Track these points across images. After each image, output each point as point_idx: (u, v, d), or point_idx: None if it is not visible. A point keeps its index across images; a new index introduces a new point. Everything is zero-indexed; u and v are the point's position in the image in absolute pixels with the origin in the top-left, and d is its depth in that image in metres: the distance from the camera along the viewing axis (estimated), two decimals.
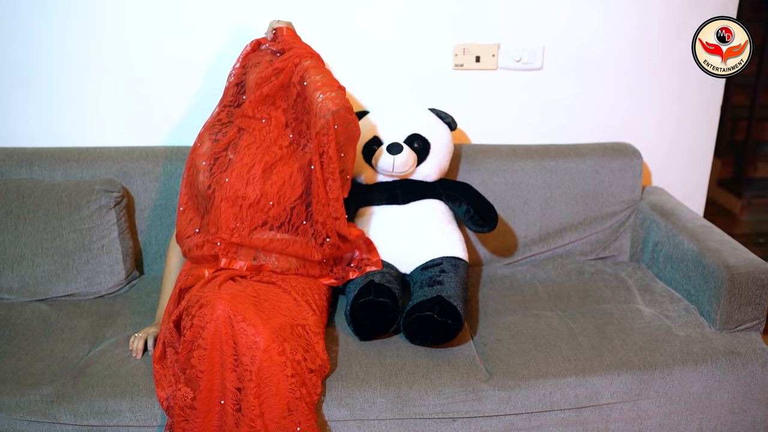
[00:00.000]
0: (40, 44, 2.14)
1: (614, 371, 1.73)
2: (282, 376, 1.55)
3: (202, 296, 1.64)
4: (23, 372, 1.71)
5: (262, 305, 1.65)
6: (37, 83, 2.17)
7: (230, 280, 1.74)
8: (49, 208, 2.01)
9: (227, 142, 1.88)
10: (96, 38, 2.15)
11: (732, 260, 1.85)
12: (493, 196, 2.19)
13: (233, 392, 1.55)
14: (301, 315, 1.70)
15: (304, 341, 1.64)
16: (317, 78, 1.78)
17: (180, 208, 1.91)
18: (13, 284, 1.99)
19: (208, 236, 1.84)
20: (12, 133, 2.21)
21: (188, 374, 1.58)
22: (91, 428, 1.64)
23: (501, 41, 2.25)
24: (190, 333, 1.59)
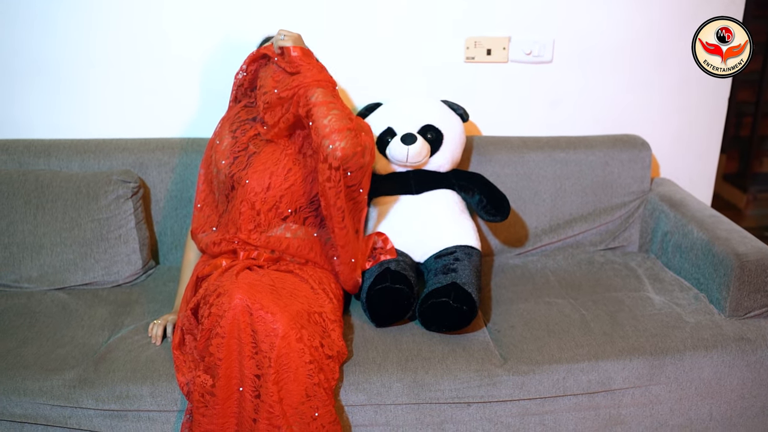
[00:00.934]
0: (59, 38, 2.17)
1: (626, 357, 1.76)
2: (300, 362, 1.57)
3: (220, 285, 1.66)
4: (45, 358, 1.74)
5: (280, 293, 1.67)
6: (56, 76, 2.21)
7: (247, 269, 1.77)
8: (67, 198, 2.04)
9: (247, 141, 1.89)
10: (114, 33, 2.18)
11: (741, 248, 1.88)
12: (504, 187, 2.21)
13: (252, 379, 1.57)
14: (318, 303, 1.72)
15: (320, 328, 1.67)
16: (324, 122, 1.68)
17: (197, 205, 1.92)
18: (33, 273, 2.02)
19: (226, 235, 1.86)
20: (30, 125, 2.24)
21: (207, 362, 1.60)
22: (113, 413, 1.67)
23: (512, 34, 2.28)
24: (208, 321, 1.62)
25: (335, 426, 1.61)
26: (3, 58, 2.17)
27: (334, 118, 1.69)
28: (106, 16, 2.16)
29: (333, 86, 1.77)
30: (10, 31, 2.15)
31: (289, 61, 1.77)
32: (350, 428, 1.70)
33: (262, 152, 1.86)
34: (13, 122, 2.24)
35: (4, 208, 2.02)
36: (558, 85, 2.35)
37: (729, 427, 1.86)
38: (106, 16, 2.16)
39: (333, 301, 1.77)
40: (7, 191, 2.03)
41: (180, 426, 1.66)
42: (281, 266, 1.81)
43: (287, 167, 1.84)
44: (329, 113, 1.69)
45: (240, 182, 1.84)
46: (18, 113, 2.24)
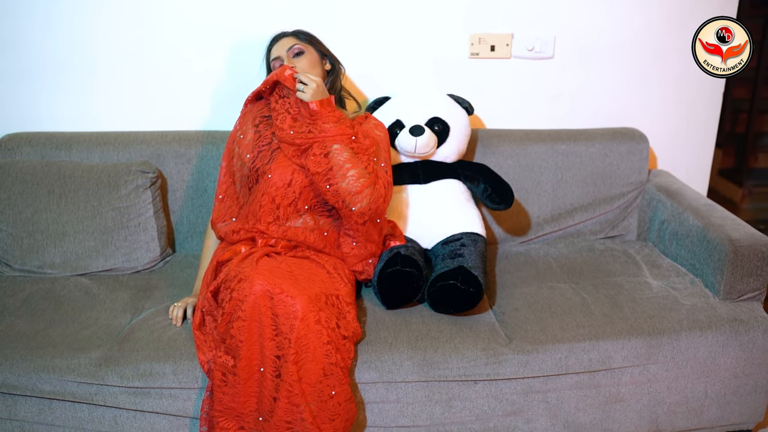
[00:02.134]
0: (80, 36, 2.25)
1: (625, 337, 1.84)
2: (318, 342, 1.65)
3: (241, 271, 1.73)
4: (72, 338, 1.82)
5: (298, 278, 1.74)
6: (75, 72, 2.29)
7: (265, 256, 1.84)
8: (89, 187, 2.12)
9: (270, 136, 1.94)
10: (133, 30, 2.26)
11: (735, 234, 1.97)
12: (508, 178, 2.29)
13: (273, 359, 1.64)
14: (334, 286, 1.80)
15: (336, 310, 1.75)
16: (343, 186, 1.78)
17: (219, 197, 1.98)
18: (56, 259, 2.11)
19: (245, 225, 1.92)
20: (52, 118, 2.33)
21: (228, 343, 1.68)
22: (136, 390, 1.75)
23: (515, 31, 2.37)
24: (229, 305, 1.69)
25: (350, 404, 1.69)
26: (25, 55, 2.26)
27: (352, 180, 1.79)
28: (125, 14, 2.24)
29: (349, 138, 1.83)
30: (31, 29, 2.23)
31: (309, 112, 1.84)
32: (363, 405, 1.78)
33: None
34: (35, 116, 2.32)
35: (29, 198, 2.10)
36: (559, 80, 2.44)
37: (723, 404, 1.94)
38: (126, 13, 2.24)
39: (348, 285, 1.85)
40: (31, 181, 2.11)
41: (201, 403, 1.74)
42: (298, 252, 1.90)
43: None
44: (347, 175, 1.79)
45: (263, 176, 1.91)
46: (40, 107, 2.32)
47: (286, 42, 2.02)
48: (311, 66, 1.98)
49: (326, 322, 1.67)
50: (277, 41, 2.04)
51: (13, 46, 2.24)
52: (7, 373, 1.72)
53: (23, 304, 1.95)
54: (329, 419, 1.66)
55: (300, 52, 1.99)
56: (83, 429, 1.78)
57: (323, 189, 1.83)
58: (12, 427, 1.77)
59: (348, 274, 1.91)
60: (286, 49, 2.00)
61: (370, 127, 1.95)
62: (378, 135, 1.94)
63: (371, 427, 1.81)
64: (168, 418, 1.78)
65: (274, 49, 2.04)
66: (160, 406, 1.76)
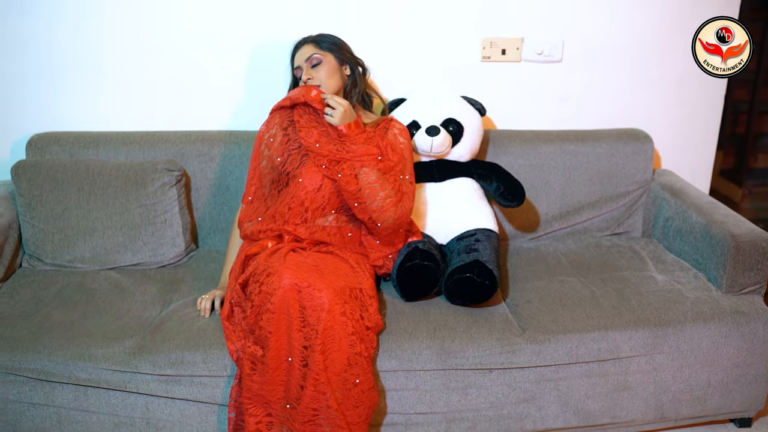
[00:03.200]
0: (106, 38, 2.34)
1: (632, 327, 1.93)
2: (343, 333, 1.73)
3: (270, 266, 1.82)
4: (106, 328, 1.90)
5: (323, 272, 1.83)
6: (102, 73, 2.38)
7: (292, 251, 1.92)
8: (117, 185, 2.20)
9: (299, 141, 2.01)
10: (157, 33, 2.35)
11: (737, 230, 2.06)
12: (518, 176, 2.37)
13: (300, 350, 1.73)
14: (357, 280, 1.89)
15: (359, 302, 1.83)
16: (372, 206, 1.90)
17: (248, 198, 2.05)
18: (86, 254, 2.19)
19: (272, 225, 2.00)
20: (79, 118, 2.41)
21: (257, 334, 1.76)
22: (168, 378, 1.83)
23: (525, 35, 2.46)
24: (258, 298, 1.78)
25: (373, 392, 1.78)
26: (54, 57, 2.34)
27: (380, 200, 1.91)
28: (151, 20, 2.33)
29: (375, 158, 1.94)
30: (61, 32, 2.32)
31: (337, 133, 1.95)
32: (384, 392, 1.87)
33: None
34: (63, 116, 2.40)
35: (59, 195, 2.18)
36: (567, 83, 2.53)
37: (725, 393, 2.04)
38: (151, 19, 2.33)
39: (369, 279, 1.94)
40: (62, 179, 2.20)
41: (229, 390, 1.83)
42: (322, 248, 1.98)
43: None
44: (375, 197, 1.91)
45: (294, 179, 2.00)
46: (68, 107, 2.41)
47: (306, 50, 2.08)
48: (329, 76, 2.04)
49: (351, 314, 1.76)
50: (299, 48, 2.11)
51: (41, 48, 2.33)
52: (45, 361, 1.81)
53: (56, 296, 2.04)
54: (353, 406, 1.75)
55: (318, 62, 2.05)
56: (116, 415, 1.86)
57: (352, 206, 1.94)
58: (49, 413, 1.85)
59: (369, 269, 2.00)
60: (305, 59, 2.06)
61: (394, 136, 2.03)
62: (402, 144, 2.03)
63: (391, 413, 1.89)
64: (197, 405, 1.86)
65: (296, 57, 2.11)
66: (190, 393, 1.85)
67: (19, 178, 2.19)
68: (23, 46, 2.32)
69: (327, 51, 2.08)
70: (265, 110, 2.11)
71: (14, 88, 2.36)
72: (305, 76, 2.04)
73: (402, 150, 2.01)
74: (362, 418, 1.77)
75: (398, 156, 1.99)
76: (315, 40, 2.11)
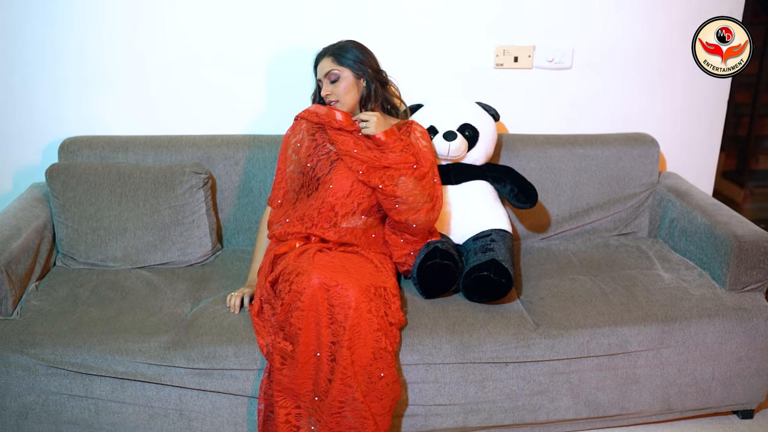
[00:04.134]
0: (134, 45, 2.44)
1: (641, 323, 2.04)
2: (369, 329, 1.83)
3: (299, 265, 1.91)
4: (141, 324, 2.00)
5: (350, 271, 1.92)
6: (131, 79, 2.48)
7: (319, 251, 2.02)
8: (147, 187, 2.30)
9: (328, 146, 2.12)
10: (182, 42, 2.45)
11: (740, 231, 2.16)
12: (529, 179, 2.46)
13: (328, 345, 1.82)
14: (381, 278, 1.99)
15: (383, 300, 1.93)
16: (409, 210, 2.01)
17: (278, 201, 2.16)
18: (118, 254, 2.29)
19: (300, 227, 2.09)
20: (110, 123, 2.51)
21: (287, 331, 1.86)
22: (201, 371, 1.93)
23: (536, 43, 2.56)
24: (288, 296, 1.87)
25: (396, 384, 1.88)
26: (86, 66, 2.45)
27: (417, 205, 2.03)
28: (175, 29, 2.43)
29: (411, 166, 2.05)
30: (90, 39, 2.42)
31: (376, 142, 2.06)
32: (406, 385, 1.97)
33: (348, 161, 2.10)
34: (94, 120, 2.51)
35: (92, 197, 2.28)
36: (577, 89, 2.63)
37: (728, 386, 2.14)
38: (175, 28, 2.43)
39: (392, 278, 2.04)
40: (94, 182, 2.29)
41: (259, 383, 1.92)
42: (347, 248, 2.08)
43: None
44: (414, 202, 2.02)
45: (324, 185, 2.10)
46: (98, 113, 2.51)
47: (325, 65, 2.15)
48: (346, 92, 2.13)
49: (376, 311, 1.85)
50: (320, 60, 2.18)
51: (74, 57, 2.43)
52: (85, 355, 1.91)
53: (92, 293, 2.14)
54: (378, 398, 1.85)
55: (336, 78, 2.13)
56: (151, 407, 1.96)
57: (390, 207, 2.04)
58: (88, 404, 1.95)
59: (392, 268, 2.10)
60: (324, 74, 2.14)
61: (417, 140, 2.14)
62: (425, 147, 2.13)
63: (412, 405, 1.99)
64: (228, 397, 1.96)
65: (317, 68, 2.20)
66: (222, 386, 1.94)
67: (53, 181, 2.29)
68: (57, 55, 2.43)
69: (345, 66, 2.14)
70: (286, 115, 2.21)
71: (47, 94, 2.47)
72: (324, 92, 2.15)
73: (426, 153, 2.12)
74: (386, 410, 1.87)
75: (429, 163, 2.10)
76: (334, 53, 2.16)
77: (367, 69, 2.16)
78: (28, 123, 2.49)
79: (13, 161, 2.54)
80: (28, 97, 2.46)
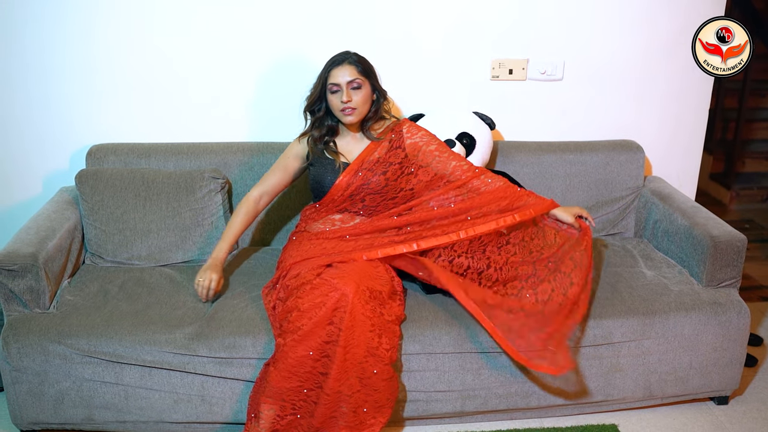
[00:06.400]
0: (154, 57, 2.62)
1: (624, 316, 2.21)
2: (363, 330, 1.96)
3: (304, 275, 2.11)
4: (167, 316, 2.18)
5: (348, 272, 2.05)
6: (152, 89, 2.66)
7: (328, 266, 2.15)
8: (169, 191, 2.48)
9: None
10: (200, 54, 2.63)
11: (715, 232, 2.34)
12: (523, 183, 2.66)
13: (321, 345, 1.96)
14: (379, 281, 2.11)
15: (378, 302, 2.04)
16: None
17: (316, 205, 2.34)
18: (142, 252, 2.47)
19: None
20: (133, 131, 2.69)
21: (284, 327, 2.01)
22: (222, 360, 2.10)
23: (530, 57, 2.74)
24: (291, 301, 2.04)
25: (393, 382, 2.02)
26: (109, 77, 2.63)
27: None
28: (192, 43, 2.61)
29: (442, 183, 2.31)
30: (114, 54, 2.60)
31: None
32: (408, 373, 2.14)
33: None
34: (119, 129, 2.69)
35: (119, 200, 2.46)
36: (567, 99, 2.81)
37: (705, 374, 2.31)
38: (191, 43, 2.61)
39: (392, 280, 2.17)
40: (120, 186, 2.47)
41: None
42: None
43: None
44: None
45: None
46: (122, 121, 2.69)
47: (347, 70, 2.17)
48: (364, 102, 2.21)
49: (371, 312, 1.99)
50: (339, 65, 2.18)
51: (99, 69, 2.62)
52: (116, 345, 2.09)
53: (120, 289, 2.32)
54: (374, 390, 1.99)
55: (359, 86, 2.19)
56: (176, 393, 2.13)
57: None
58: (118, 390, 2.13)
59: (390, 269, 2.22)
60: (346, 80, 2.17)
61: (416, 141, 2.30)
62: (421, 142, 2.31)
63: (413, 391, 2.17)
64: (246, 384, 2.13)
65: (334, 72, 2.18)
66: (240, 374, 2.11)
67: (82, 185, 2.47)
68: (84, 69, 2.61)
69: (366, 78, 2.21)
70: (296, 122, 2.34)
71: (74, 104, 2.65)
72: (345, 97, 2.17)
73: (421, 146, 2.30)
74: (382, 402, 2.01)
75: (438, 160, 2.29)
76: (356, 62, 2.19)
77: (378, 84, 2.27)
78: (56, 131, 2.68)
79: (43, 167, 2.72)
80: (55, 107, 2.65)
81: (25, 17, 2.53)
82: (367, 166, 2.26)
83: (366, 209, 2.29)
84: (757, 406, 2.41)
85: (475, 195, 2.27)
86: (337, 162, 2.27)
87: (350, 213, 2.30)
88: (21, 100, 2.62)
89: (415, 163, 2.30)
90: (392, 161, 2.27)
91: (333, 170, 2.27)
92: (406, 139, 2.31)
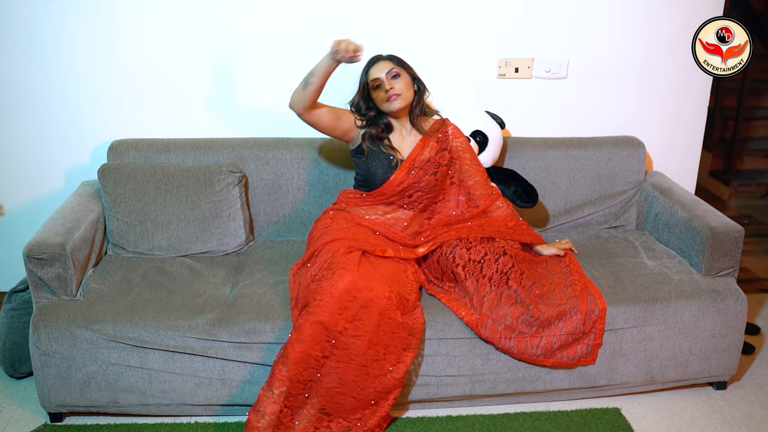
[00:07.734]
0: (174, 54, 2.72)
1: (626, 304, 2.30)
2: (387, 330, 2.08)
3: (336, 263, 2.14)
4: (189, 303, 2.27)
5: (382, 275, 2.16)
6: (172, 87, 2.75)
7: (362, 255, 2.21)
8: (189, 185, 2.57)
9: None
10: (218, 52, 2.72)
11: (714, 223, 2.43)
12: (529, 178, 2.75)
13: (338, 333, 2.05)
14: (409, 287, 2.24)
15: (402, 309, 2.13)
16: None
17: (363, 195, 2.44)
18: (163, 243, 2.57)
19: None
20: (154, 126, 2.79)
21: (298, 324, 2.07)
22: (242, 344, 2.19)
23: (535, 56, 2.83)
24: (317, 285, 2.10)
25: (398, 382, 2.10)
26: (129, 75, 2.72)
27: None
28: (209, 46, 2.71)
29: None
30: (134, 54, 2.70)
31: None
32: (422, 357, 2.24)
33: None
34: (139, 124, 2.78)
35: (140, 193, 2.55)
36: (571, 97, 2.90)
37: (704, 359, 2.40)
38: (209, 45, 2.71)
39: (418, 271, 2.31)
40: (141, 180, 2.57)
41: None
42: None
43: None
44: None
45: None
46: (142, 118, 2.78)
47: (384, 65, 2.32)
48: (406, 87, 2.33)
49: (394, 315, 2.08)
50: (375, 64, 2.34)
51: (120, 69, 2.71)
52: (141, 330, 2.18)
53: (143, 278, 2.41)
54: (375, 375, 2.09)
55: (397, 74, 2.31)
56: (197, 376, 2.22)
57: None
58: (142, 374, 2.22)
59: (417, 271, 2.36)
60: (385, 72, 2.30)
61: (457, 145, 2.45)
62: (460, 147, 2.45)
63: (424, 375, 2.26)
64: (265, 368, 2.21)
65: (372, 70, 2.33)
66: (259, 358, 2.20)
67: (105, 179, 2.56)
68: (105, 68, 2.70)
69: (402, 68, 2.34)
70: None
71: (95, 102, 2.74)
72: (388, 85, 2.29)
73: (466, 155, 2.46)
74: (384, 393, 2.10)
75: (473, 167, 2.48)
76: (389, 57, 2.36)
77: (416, 74, 2.39)
78: (78, 127, 2.77)
79: (65, 161, 2.82)
80: (76, 105, 2.74)
81: (49, 12, 2.62)
82: (419, 165, 2.39)
83: (410, 204, 2.43)
84: (755, 390, 2.50)
85: (486, 217, 2.45)
86: (395, 159, 2.39)
87: (395, 206, 2.43)
88: (43, 98, 2.72)
89: (453, 167, 2.45)
90: (441, 162, 2.42)
91: (388, 166, 2.38)
92: (451, 141, 2.45)
